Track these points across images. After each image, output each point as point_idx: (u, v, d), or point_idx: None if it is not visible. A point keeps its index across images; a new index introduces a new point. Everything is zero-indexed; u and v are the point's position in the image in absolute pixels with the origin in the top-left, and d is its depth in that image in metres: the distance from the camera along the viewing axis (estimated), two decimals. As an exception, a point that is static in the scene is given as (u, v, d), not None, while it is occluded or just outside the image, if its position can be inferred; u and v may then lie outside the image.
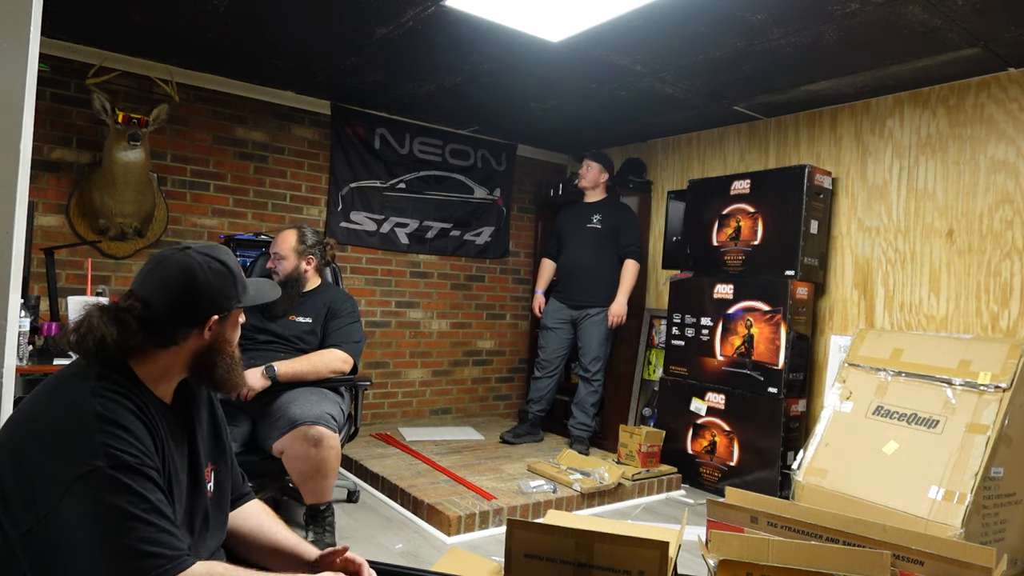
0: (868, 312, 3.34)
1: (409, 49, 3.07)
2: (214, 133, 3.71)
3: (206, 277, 1.17)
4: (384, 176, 4.29)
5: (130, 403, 1.07)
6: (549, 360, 3.99)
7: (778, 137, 3.79)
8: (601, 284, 3.88)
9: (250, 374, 2.33)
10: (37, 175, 3.17)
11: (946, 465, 2.50)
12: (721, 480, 3.48)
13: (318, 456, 2.23)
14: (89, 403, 1.04)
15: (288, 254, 2.63)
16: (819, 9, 2.43)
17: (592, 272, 3.89)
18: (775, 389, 3.30)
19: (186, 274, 1.16)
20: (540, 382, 4.03)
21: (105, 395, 1.05)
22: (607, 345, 3.91)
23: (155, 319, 1.13)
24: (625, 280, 3.86)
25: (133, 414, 1.06)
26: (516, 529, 1.70)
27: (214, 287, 1.18)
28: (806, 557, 1.74)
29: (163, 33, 3.04)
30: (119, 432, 1.03)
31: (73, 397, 1.06)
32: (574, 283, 3.94)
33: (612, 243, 3.91)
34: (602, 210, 3.96)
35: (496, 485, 3.12)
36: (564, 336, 3.97)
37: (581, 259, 3.93)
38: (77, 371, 1.11)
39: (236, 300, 1.23)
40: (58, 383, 1.10)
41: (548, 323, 4.00)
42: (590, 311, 3.88)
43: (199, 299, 1.17)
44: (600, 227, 3.92)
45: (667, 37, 2.77)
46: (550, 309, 4.02)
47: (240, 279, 1.24)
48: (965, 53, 2.74)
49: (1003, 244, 2.89)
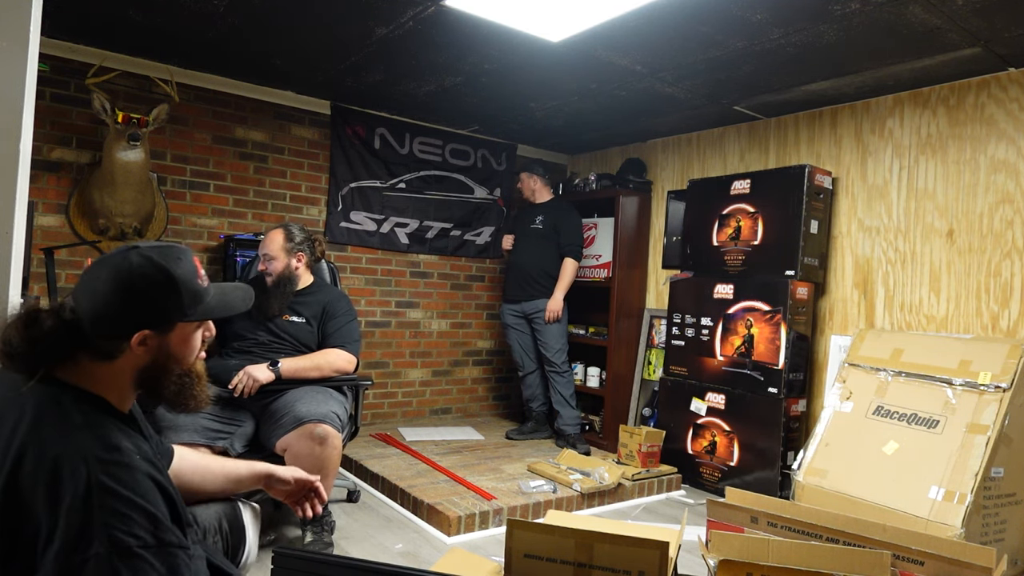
0: (868, 312, 3.34)
1: (409, 49, 3.07)
2: (214, 133, 3.71)
3: (137, 286, 1.03)
4: (384, 176, 4.29)
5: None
6: (522, 357, 4.16)
7: (778, 137, 3.79)
8: (543, 276, 4.05)
9: (255, 368, 2.34)
10: (37, 175, 3.18)
11: (946, 465, 2.50)
12: (721, 480, 3.48)
13: (322, 454, 2.23)
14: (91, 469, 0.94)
15: (278, 254, 2.62)
16: (819, 9, 2.43)
17: (534, 266, 4.06)
18: (775, 389, 3.30)
19: (116, 280, 1.03)
20: (526, 380, 4.20)
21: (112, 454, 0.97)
22: (564, 336, 4.07)
23: (79, 326, 1.02)
24: (563, 277, 4.01)
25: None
26: (516, 529, 1.70)
27: (147, 298, 1.04)
28: (806, 557, 1.74)
29: (163, 33, 3.04)
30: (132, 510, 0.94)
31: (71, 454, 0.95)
32: (520, 279, 4.11)
33: (553, 241, 4.05)
34: (545, 211, 4.13)
35: (496, 485, 3.12)
36: (524, 331, 4.15)
37: (524, 258, 4.11)
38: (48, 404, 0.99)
39: (180, 314, 1.07)
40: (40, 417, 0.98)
41: (506, 321, 4.19)
42: (538, 303, 4.03)
43: (125, 310, 1.03)
44: (541, 227, 4.09)
45: (667, 37, 2.77)
46: (504, 311, 4.21)
47: (189, 290, 1.08)
48: (965, 53, 2.74)
49: (1003, 244, 2.89)
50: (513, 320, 4.15)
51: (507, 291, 4.21)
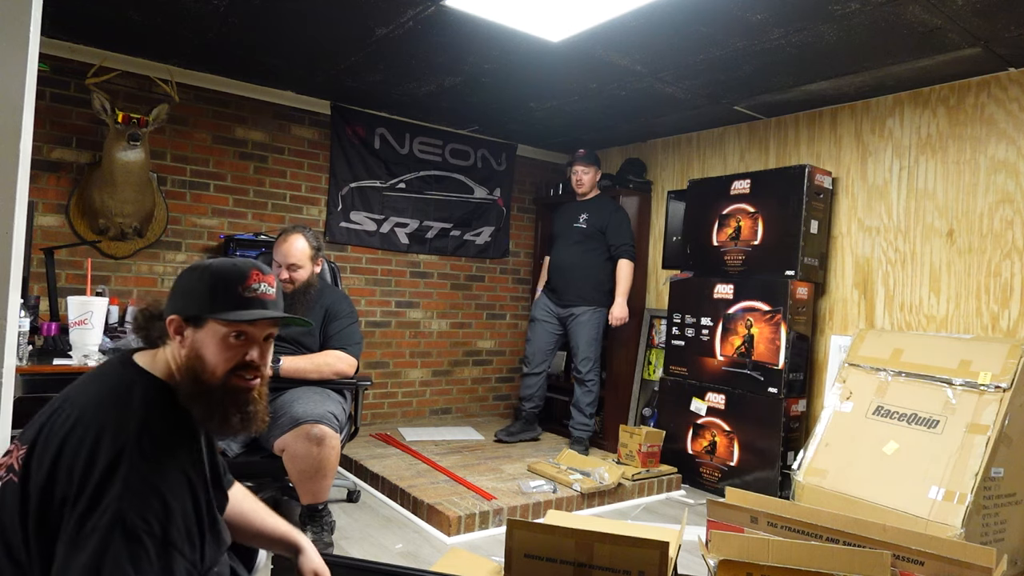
0: (868, 312, 3.34)
1: (409, 49, 3.07)
2: (214, 133, 3.71)
3: (183, 276, 1.16)
4: (384, 176, 4.29)
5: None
6: (535, 354, 3.98)
7: (778, 137, 3.79)
8: (586, 284, 3.87)
9: None
10: (37, 175, 3.17)
11: (946, 465, 2.50)
12: (721, 480, 3.48)
13: (319, 455, 2.23)
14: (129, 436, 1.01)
15: (304, 262, 2.55)
16: (819, 9, 2.43)
17: (576, 271, 3.89)
18: (775, 389, 3.30)
19: (182, 273, 1.18)
20: (528, 379, 4.03)
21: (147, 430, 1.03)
22: (596, 345, 3.90)
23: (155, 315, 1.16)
24: (621, 281, 3.85)
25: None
26: (516, 529, 1.70)
27: (182, 286, 1.15)
28: (806, 557, 1.74)
29: (163, 33, 3.04)
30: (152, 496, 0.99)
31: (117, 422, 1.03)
32: (560, 282, 3.95)
33: (599, 242, 3.90)
34: (589, 209, 3.95)
35: (496, 485, 3.12)
36: (551, 330, 3.97)
37: (567, 258, 3.93)
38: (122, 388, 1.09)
39: (205, 306, 1.11)
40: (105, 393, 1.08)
41: (536, 315, 4.03)
42: (575, 311, 3.88)
43: (170, 295, 1.16)
44: (585, 227, 3.91)
45: (667, 37, 2.77)
46: (539, 303, 4.04)
47: (221, 288, 1.11)
48: (965, 53, 2.74)
49: (1003, 244, 2.89)
50: (544, 315, 3.97)
51: (551, 289, 4.01)
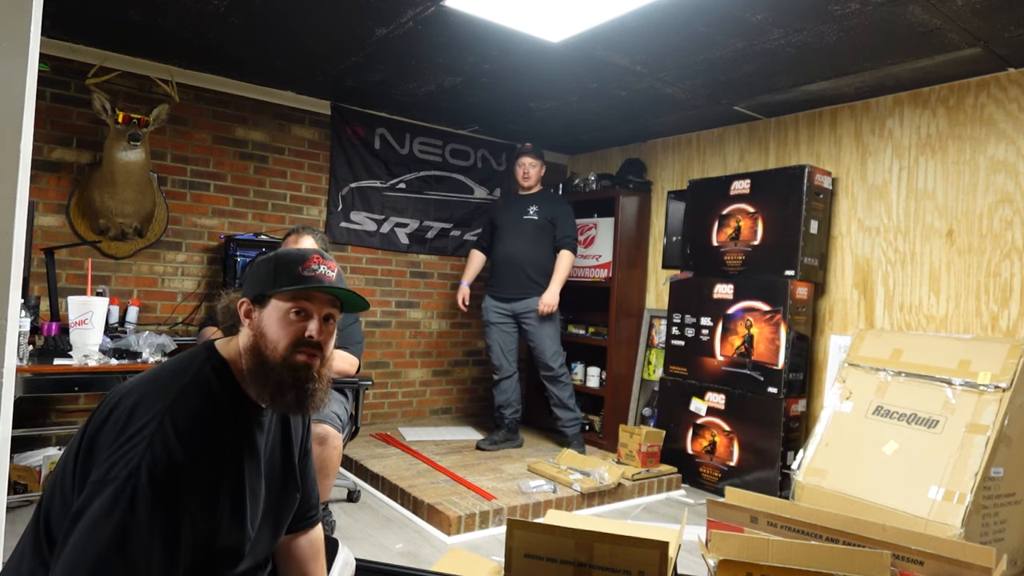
0: (868, 312, 3.34)
1: (409, 49, 3.07)
2: (214, 133, 3.71)
3: (257, 263, 1.20)
4: (384, 176, 4.29)
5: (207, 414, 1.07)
6: (499, 360, 3.90)
7: (778, 137, 3.79)
8: (541, 274, 3.84)
9: None
10: (37, 175, 3.17)
11: (946, 465, 2.50)
12: (721, 480, 3.48)
13: (322, 455, 2.24)
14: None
15: None
16: (819, 9, 2.43)
17: (529, 266, 3.84)
18: (775, 389, 3.30)
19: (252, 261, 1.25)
20: (501, 384, 3.92)
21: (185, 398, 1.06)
22: (558, 337, 3.90)
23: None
24: (559, 270, 3.81)
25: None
26: (516, 529, 1.70)
27: (256, 271, 1.18)
28: (806, 557, 1.74)
29: (163, 33, 3.04)
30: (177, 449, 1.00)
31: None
32: (511, 273, 3.86)
33: (549, 234, 3.88)
34: (538, 201, 3.91)
35: (496, 485, 3.13)
36: (509, 330, 3.91)
37: (520, 250, 3.85)
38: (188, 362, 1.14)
39: (269, 284, 1.13)
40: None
41: (491, 319, 3.92)
42: (528, 303, 3.82)
43: (244, 282, 1.21)
44: (537, 218, 3.87)
45: (667, 37, 2.77)
46: (489, 306, 3.94)
47: (283, 266, 1.14)
48: (965, 53, 2.74)
49: (1003, 244, 2.89)
50: (498, 317, 3.89)
51: (495, 285, 3.93)
